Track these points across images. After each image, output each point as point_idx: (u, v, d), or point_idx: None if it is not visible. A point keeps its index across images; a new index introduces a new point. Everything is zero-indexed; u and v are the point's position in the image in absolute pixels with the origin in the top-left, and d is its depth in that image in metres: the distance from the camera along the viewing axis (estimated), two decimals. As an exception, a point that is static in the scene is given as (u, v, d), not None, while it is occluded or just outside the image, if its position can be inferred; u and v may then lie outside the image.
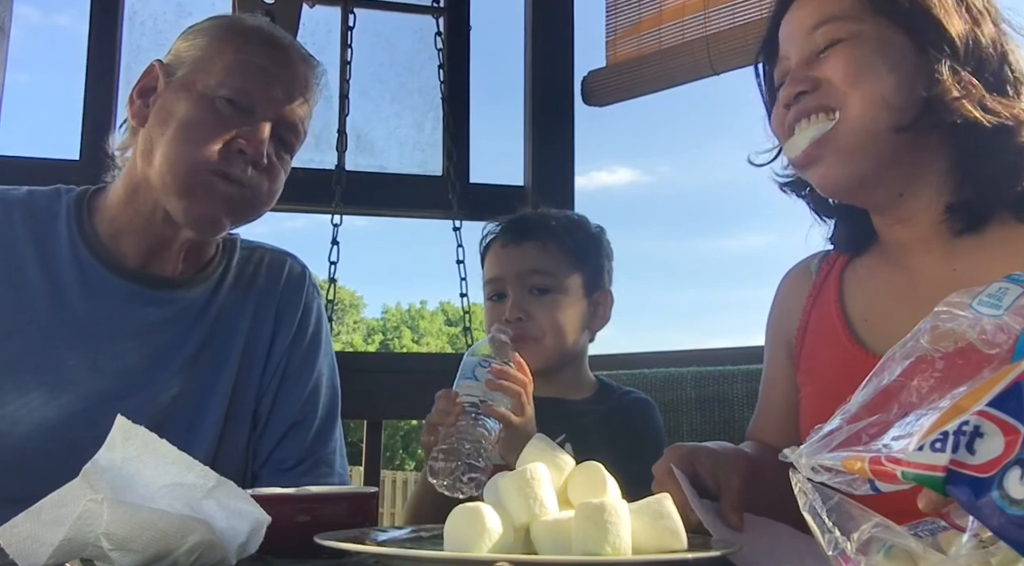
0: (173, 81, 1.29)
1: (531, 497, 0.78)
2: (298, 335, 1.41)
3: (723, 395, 1.68)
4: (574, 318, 1.47)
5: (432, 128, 2.54)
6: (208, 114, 1.25)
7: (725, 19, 2.29)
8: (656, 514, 0.78)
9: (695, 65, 2.32)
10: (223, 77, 1.27)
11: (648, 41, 2.43)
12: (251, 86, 1.28)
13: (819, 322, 1.18)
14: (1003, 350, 0.57)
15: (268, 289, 1.41)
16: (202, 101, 1.26)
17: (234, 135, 1.25)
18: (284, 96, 1.30)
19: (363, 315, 36.66)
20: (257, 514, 0.78)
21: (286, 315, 1.41)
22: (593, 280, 1.51)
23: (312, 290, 1.46)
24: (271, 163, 1.29)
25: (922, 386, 0.59)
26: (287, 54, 1.34)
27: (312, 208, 2.56)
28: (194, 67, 1.29)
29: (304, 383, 1.40)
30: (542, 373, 1.42)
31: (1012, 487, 0.47)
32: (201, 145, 1.24)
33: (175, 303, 1.33)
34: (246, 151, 1.25)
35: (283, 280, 1.43)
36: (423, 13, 2.54)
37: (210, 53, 1.29)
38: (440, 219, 2.43)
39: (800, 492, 0.58)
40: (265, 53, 1.31)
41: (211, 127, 1.25)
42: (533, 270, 1.46)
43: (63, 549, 0.72)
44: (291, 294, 1.43)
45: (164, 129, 1.26)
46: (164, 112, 1.27)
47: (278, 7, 2.31)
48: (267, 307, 1.40)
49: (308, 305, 1.44)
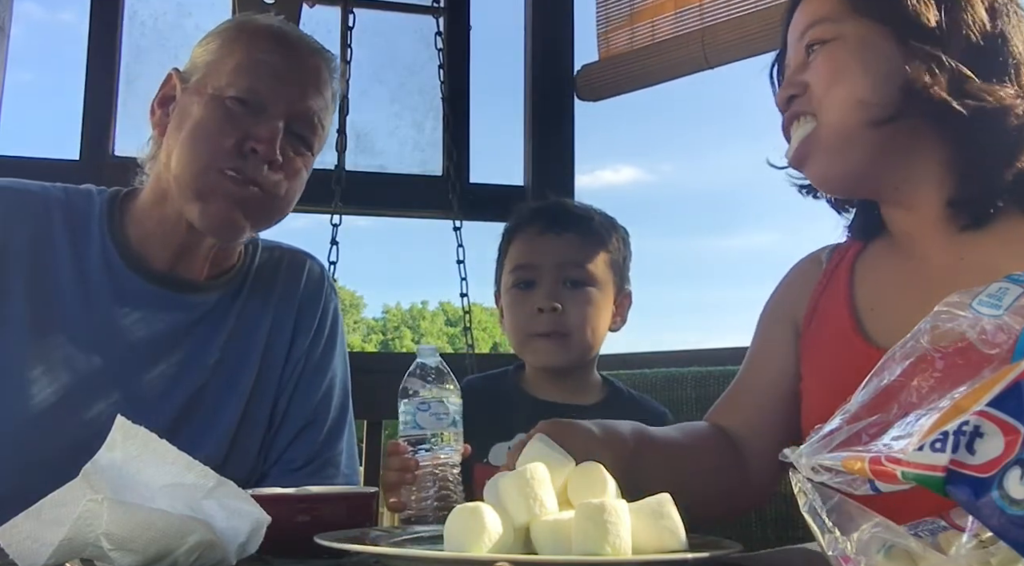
0: (188, 86, 1.30)
1: (531, 497, 0.78)
2: (316, 336, 1.41)
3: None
4: (605, 316, 1.45)
5: (432, 128, 2.54)
6: (218, 114, 1.24)
7: (720, 12, 2.26)
8: (656, 514, 0.78)
9: (690, 59, 2.30)
10: (232, 77, 1.26)
11: (641, 34, 2.41)
12: (260, 84, 1.27)
13: (826, 310, 1.18)
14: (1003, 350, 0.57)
15: (288, 290, 1.41)
16: (212, 102, 1.25)
17: (246, 134, 1.24)
18: (296, 91, 1.29)
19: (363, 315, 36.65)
20: (257, 514, 0.79)
21: (306, 316, 1.41)
22: (621, 280, 1.49)
23: (330, 291, 1.46)
24: (288, 160, 1.27)
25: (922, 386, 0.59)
26: (296, 49, 1.32)
27: (312, 208, 2.56)
28: (207, 70, 1.28)
29: (319, 384, 1.40)
30: (554, 371, 1.40)
31: (1012, 487, 0.47)
32: (212, 145, 1.23)
33: (200, 307, 1.33)
34: (259, 150, 1.24)
35: (303, 281, 1.43)
36: (423, 13, 2.55)
37: (221, 55, 1.29)
38: (440, 219, 2.43)
39: (800, 492, 0.58)
40: (274, 50, 1.30)
41: (221, 127, 1.24)
42: (572, 262, 1.42)
43: (63, 549, 0.72)
44: (311, 295, 1.43)
45: (179, 133, 1.26)
46: (180, 117, 1.28)
47: (278, 7, 2.31)
48: (287, 308, 1.40)
49: (327, 306, 1.44)
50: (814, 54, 1.09)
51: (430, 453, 1.13)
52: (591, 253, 1.44)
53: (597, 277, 1.43)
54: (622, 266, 1.49)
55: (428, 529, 0.93)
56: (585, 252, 1.43)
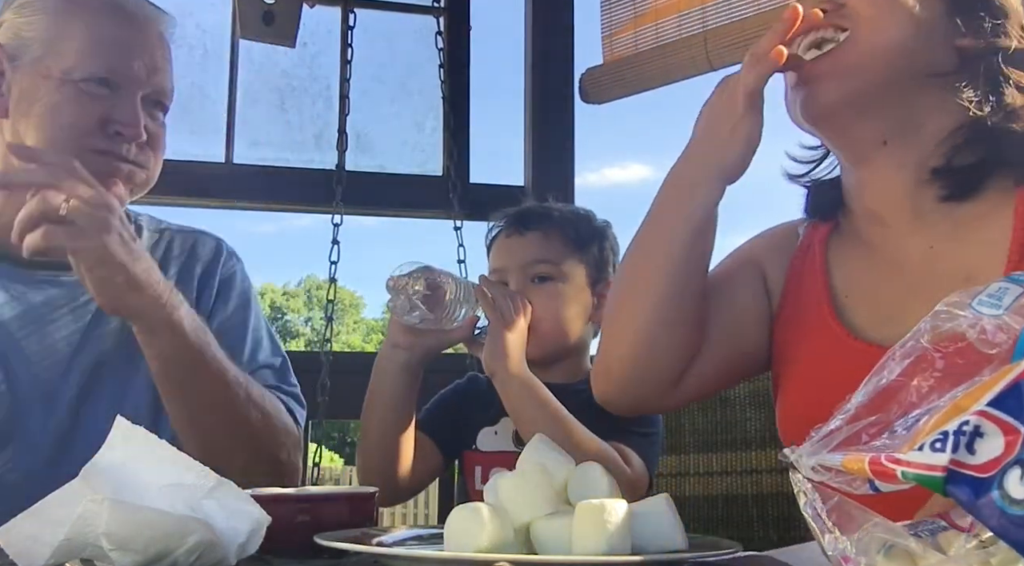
0: (22, 65, 1.24)
1: (531, 497, 0.78)
2: (219, 304, 1.38)
3: (725, 395, 1.68)
4: (575, 308, 1.47)
5: (432, 128, 2.55)
6: (73, 98, 1.22)
7: (722, 14, 2.27)
8: (656, 514, 0.78)
9: (692, 61, 2.30)
10: (80, 58, 1.23)
11: (644, 37, 2.41)
12: (111, 62, 1.24)
13: (803, 293, 1.14)
14: (1003, 350, 0.57)
15: (184, 272, 1.38)
16: (64, 86, 1.22)
17: (107, 116, 1.22)
18: (147, 64, 1.27)
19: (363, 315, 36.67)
20: (257, 514, 0.79)
21: (206, 287, 1.38)
22: (598, 272, 1.51)
23: (229, 259, 1.43)
24: (150, 134, 1.27)
25: (922, 386, 0.59)
26: (136, 19, 1.29)
27: (312, 208, 2.57)
28: (45, 50, 1.24)
29: (244, 341, 1.37)
30: (539, 362, 1.42)
31: (1012, 487, 0.47)
32: (73, 130, 1.21)
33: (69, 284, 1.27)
34: (124, 133, 1.23)
35: (198, 256, 1.40)
36: (423, 13, 2.55)
37: (58, 31, 1.24)
38: (440, 219, 2.43)
39: (800, 492, 0.58)
40: (116, 23, 1.27)
41: (79, 110, 1.21)
42: (535, 260, 1.46)
43: (63, 549, 0.72)
44: (208, 267, 1.40)
45: (28, 118, 1.22)
46: (25, 102, 1.23)
47: (278, 7, 2.31)
48: (186, 286, 1.35)
49: (228, 271, 1.41)
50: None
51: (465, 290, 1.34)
52: (554, 249, 1.47)
53: (563, 271, 1.46)
54: (599, 259, 1.51)
55: (428, 529, 0.93)
56: (548, 248, 1.47)
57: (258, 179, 2.45)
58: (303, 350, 15.99)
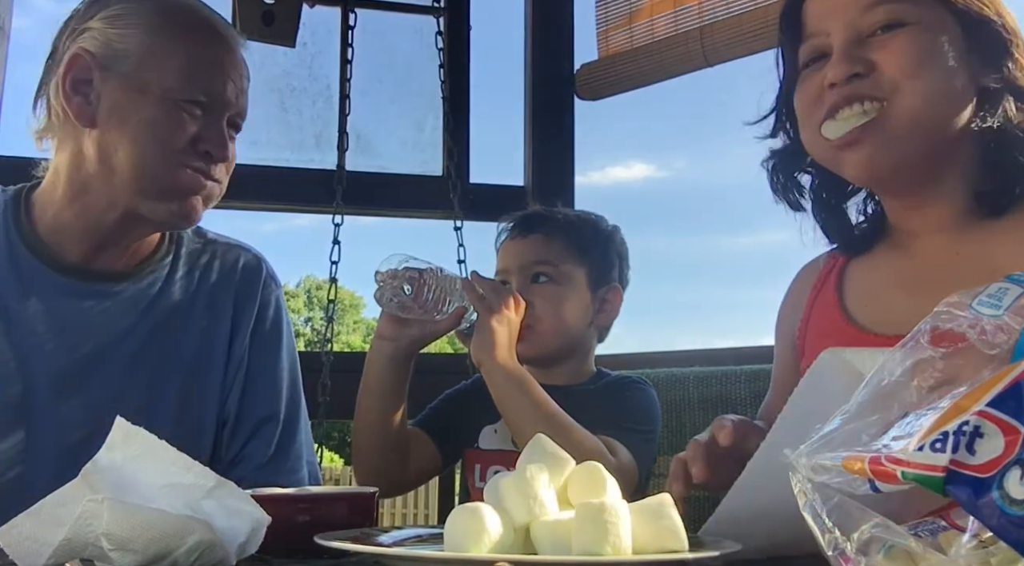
0: (114, 76, 1.24)
1: (531, 497, 0.78)
2: (257, 329, 1.38)
3: (726, 395, 1.68)
4: (575, 309, 1.48)
5: (432, 128, 2.55)
6: (171, 114, 1.23)
7: (719, 9, 2.26)
8: (656, 514, 0.78)
9: (688, 57, 2.29)
10: (181, 79, 1.24)
11: (640, 33, 2.41)
12: (207, 85, 1.26)
13: (820, 314, 1.18)
14: (1003, 350, 0.57)
15: (223, 284, 1.38)
16: (165, 104, 1.23)
17: (198, 135, 1.25)
18: (236, 87, 1.30)
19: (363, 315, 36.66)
20: (257, 514, 0.79)
21: (244, 311, 1.38)
22: (600, 274, 1.51)
23: (270, 282, 1.43)
24: (228, 152, 1.30)
25: (922, 386, 0.59)
26: (227, 41, 1.31)
27: (313, 208, 2.56)
28: (142, 64, 1.24)
29: (269, 378, 1.38)
30: (540, 363, 1.43)
31: (1012, 487, 0.47)
32: (171, 146, 1.23)
33: (116, 295, 1.30)
34: (213, 153, 1.26)
35: (238, 274, 1.40)
36: (423, 13, 2.55)
37: (156, 49, 1.25)
38: (441, 219, 2.43)
39: (800, 492, 0.58)
40: (215, 44, 1.29)
41: (177, 129, 1.23)
42: (535, 261, 1.48)
43: (63, 549, 0.72)
44: (247, 288, 1.40)
45: (123, 132, 1.23)
46: (119, 114, 1.24)
47: (278, 7, 2.31)
48: (223, 304, 1.36)
49: (266, 299, 1.41)
50: (886, 34, 1.03)
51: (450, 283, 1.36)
52: (555, 251, 1.48)
53: (563, 272, 1.48)
54: (601, 261, 1.51)
55: (428, 529, 0.93)
56: (548, 250, 1.48)
57: (258, 179, 2.45)
58: (303, 350, 15.87)
